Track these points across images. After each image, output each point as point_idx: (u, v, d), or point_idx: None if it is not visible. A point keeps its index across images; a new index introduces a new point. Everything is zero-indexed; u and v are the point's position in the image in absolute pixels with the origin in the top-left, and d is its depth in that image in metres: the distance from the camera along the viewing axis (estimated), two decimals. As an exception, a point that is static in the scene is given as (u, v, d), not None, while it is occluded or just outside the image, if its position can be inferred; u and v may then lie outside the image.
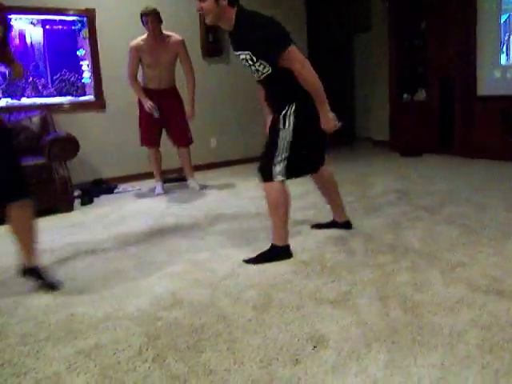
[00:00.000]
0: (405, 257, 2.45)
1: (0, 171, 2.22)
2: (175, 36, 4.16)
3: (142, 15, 3.96)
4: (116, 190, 4.66)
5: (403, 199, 3.66)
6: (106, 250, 2.86)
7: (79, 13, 4.67)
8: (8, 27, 2.35)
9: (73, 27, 4.75)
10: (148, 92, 4.18)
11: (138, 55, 4.09)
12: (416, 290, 2.05)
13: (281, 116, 2.41)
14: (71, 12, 4.64)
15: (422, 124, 5.95)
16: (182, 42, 4.16)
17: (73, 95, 4.80)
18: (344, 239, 2.76)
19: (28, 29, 4.53)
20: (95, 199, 4.32)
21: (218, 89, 5.60)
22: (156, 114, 4.13)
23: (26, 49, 4.55)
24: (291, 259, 2.51)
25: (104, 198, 4.43)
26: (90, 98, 4.91)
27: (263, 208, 3.49)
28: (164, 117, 4.23)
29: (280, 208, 2.48)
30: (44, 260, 2.73)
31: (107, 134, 4.94)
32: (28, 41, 4.55)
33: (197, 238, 2.99)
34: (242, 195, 4.20)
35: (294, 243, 2.64)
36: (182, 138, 4.40)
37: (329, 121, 2.38)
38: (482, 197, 3.58)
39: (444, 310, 1.86)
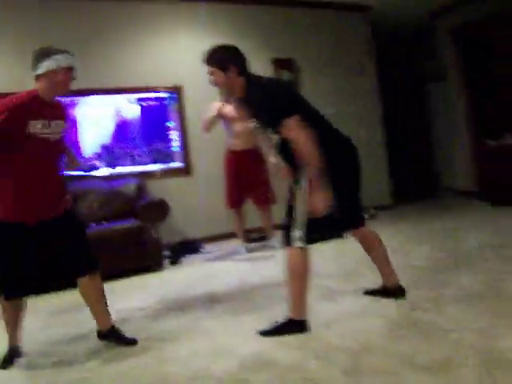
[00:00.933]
0: (507, 318, 2.22)
1: (71, 251, 2.46)
2: None
3: None
4: (202, 250, 4.89)
5: (500, 254, 3.37)
6: (194, 309, 3.00)
7: (169, 90, 5.19)
8: (70, 124, 2.69)
9: (164, 102, 5.28)
10: (231, 153, 4.45)
11: (219, 115, 4.35)
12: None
13: (294, 180, 2.39)
14: (162, 89, 5.17)
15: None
16: None
17: (163, 162, 5.24)
18: (437, 299, 2.59)
19: (126, 106, 5.11)
20: (183, 259, 4.57)
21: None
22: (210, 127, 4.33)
23: (125, 123, 5.12)
24: (382, 318, 2.39)
25: (191, 257, 4.66)
26: (178, 164, 5.32)
27: (344, 268, 3.53)
28: (246, 177, 4.44)
29: (297, 277, 2.36)
30: (135, 317, 2.93)
31: (194, 197, 5.28)
32: (126, 116, 5.12)
33: (281, 298, 3.02)
34: (326, 256, 4.12)
35: (383, 304, 2.55)
36: (262, 199, 4.56)
37: (318, 200, 2.24)
38: None
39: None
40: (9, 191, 2.25)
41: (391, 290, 2.69)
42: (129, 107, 5.15)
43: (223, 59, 2.36)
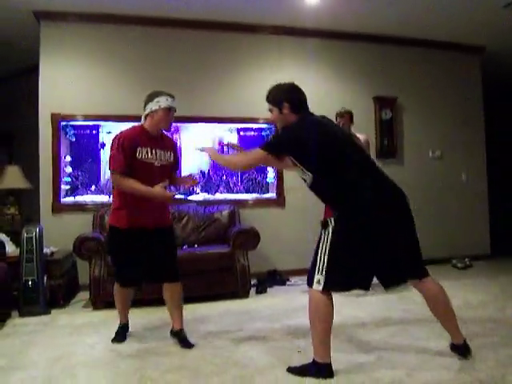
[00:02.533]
0: None
1: (168, 258, 2.95)
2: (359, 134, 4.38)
3: (336, 116, 4.28)
4: (288, 283, 4.85)
5: None
6: (276, 340, 2.97)
7: (268, 121, 5.31)
8: (178, 155, 3.11)
9: (262, 133, 5.42)
10: None
11: None
12: None
13: (323, 222, 2.39)
14: (261, 121, 5.31)
15: None
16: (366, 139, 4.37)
17: (258, 192, 5.35)
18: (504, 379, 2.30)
19: (226, 135, 5.33)
20: (269, 289, 4.56)
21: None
22: None
23: (223, 151, 5.31)
24: (466, 376, 2.24)
25: (276, 288, 4.64)
26: (272, 195, 5.39)
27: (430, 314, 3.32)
28: None
29: (316, 321, 2.32)
30: (220, 341, 2.96)
31: (285, 228, 5.30)
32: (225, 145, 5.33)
33: (361, 342, 2.90)
34: (409, 299, 3.95)
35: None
36: None
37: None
38: None
39: None
40: (129, 204, 2.83)
41: (459, 347, 2.46)
42: (228, 136, 5.36)
43: (277, 97, 2.53)
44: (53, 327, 3.42)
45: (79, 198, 4.81)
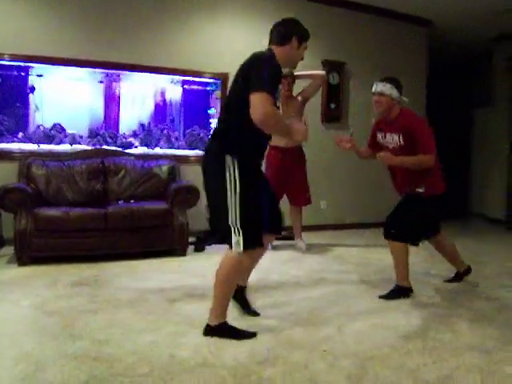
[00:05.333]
0: None
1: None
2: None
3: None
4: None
5: None
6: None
7: (214, 76, 5.11)
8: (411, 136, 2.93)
9: (207, 88, 5.21)
10: (274, 150, 4.33)
11: None
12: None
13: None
14: (207, 75, 5.09)
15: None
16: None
17: (200, 149, 5.18)
18: (450, 318, 2.62)
19: (169, 87, 5.07)
20: (208, 247, 4.50)
21: (333, 153, 5.62)
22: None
23: (165, 104, 5.08)
24: (393, 330, 2.39)
25: (215, 246, 4.58)
26: (214, 152, 5.24)
27: (366, 275, 3.55)
28: (287, 175, 4.34)
29: (232, 282, 2.28)
30: (155, 298, 2.88)
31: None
32: (167, 97, 5.09)
33: (298, 299, 2.94)
34: (346, 260, 4.12)
35: (397, 316, 2.51)
36: (300, 198, 4.51)
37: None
38: None
39: None
40: None
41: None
42: (171, 88, 5.11)
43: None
44: (-28, 282, 3.17)
45: (4, 146, 4.41)
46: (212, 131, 2.38)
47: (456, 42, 6.85)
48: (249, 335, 2.27)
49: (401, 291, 2.95)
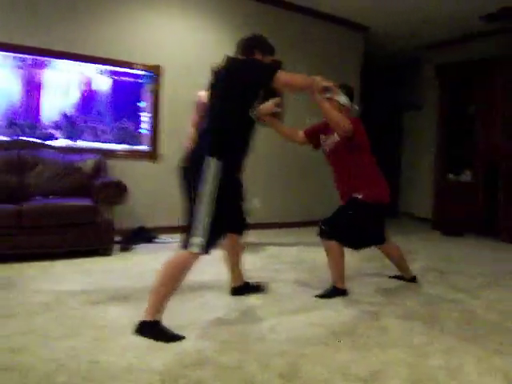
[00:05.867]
0: (439, 339, 2.32)
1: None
2: None
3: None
4: (157, 240, 4.61)
5: (442, 279, 3.56)
6: (139, 299, 2.74)
7: (147, 68, 4.90)
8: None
9: (139, 80, 4.99)
10: None
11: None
12: (449, 377, 1.91)
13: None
14: (139, 67, 4.87)
15: (465, 205, 5.92)
16: None
17: (129, 143, 4.94)
18: (378, 315, 2.66)
19: (95, 77, 4.79)
20: (134, 247, 4.29)
21: (268, 149, 5.61)
22: None
23: (91, 94, 4.79)
24: (324, 328, 2.40)
25: (143, 246, 4.39)
26: (144, 147, 5.03)
27: (299, 274, 3.56)
28: None
29: (176, 280, 2.22)
30: (75, 301, 2.67)
31: (157, 184, 4.99)
32: (94, 87, 4.80)
33: (232, 299, 2.86)
34: (281, 259, 4.09)
35: (330, 314, 2.52)
36: None
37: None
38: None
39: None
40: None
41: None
42: (99, 79, 4.82)
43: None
44: None
45: None
46: (197, 134, 2.48)
47: (390, 48, 7.20)
48: (177, 338, 2.16)
49: (336, 292, 2.97)
